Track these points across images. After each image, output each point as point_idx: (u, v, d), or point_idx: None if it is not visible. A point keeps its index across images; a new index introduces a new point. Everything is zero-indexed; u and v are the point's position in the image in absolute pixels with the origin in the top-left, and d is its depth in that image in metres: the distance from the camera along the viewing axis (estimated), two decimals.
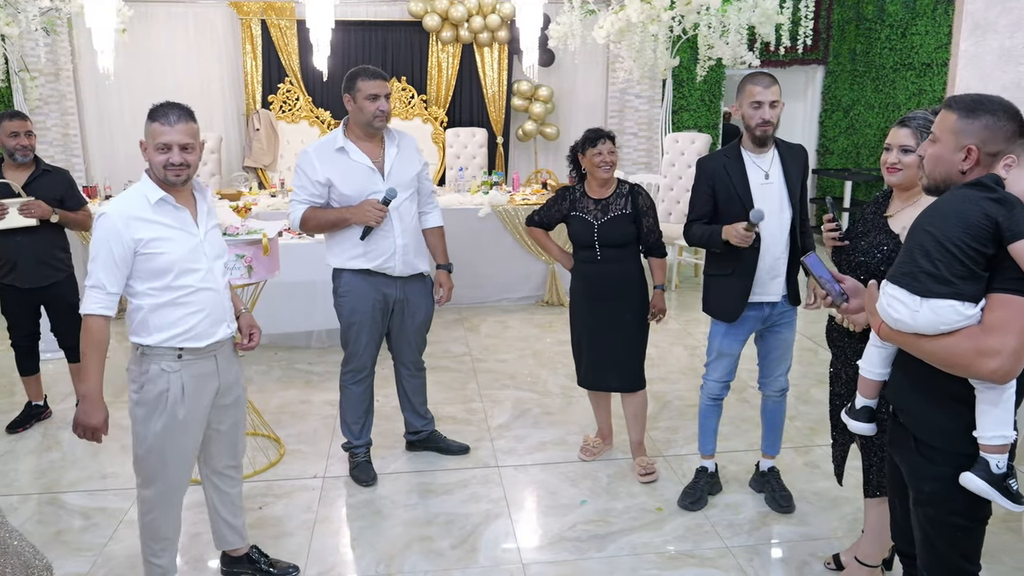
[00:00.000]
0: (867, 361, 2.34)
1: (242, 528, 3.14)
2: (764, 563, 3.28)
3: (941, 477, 2.05)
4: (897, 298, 2.00)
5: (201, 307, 2.71)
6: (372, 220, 3.57)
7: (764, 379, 3.69)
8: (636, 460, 4.03)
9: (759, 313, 3.48)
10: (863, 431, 2.42)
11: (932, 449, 2.07)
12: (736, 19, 7.37)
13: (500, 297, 7.14)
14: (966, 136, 1.99)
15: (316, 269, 5.63)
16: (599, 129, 3.81)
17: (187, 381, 2.72)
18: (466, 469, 4.08)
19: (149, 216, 2.63)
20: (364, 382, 3.91)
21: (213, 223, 2.85)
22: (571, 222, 3.89)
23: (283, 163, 8.94)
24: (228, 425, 2.94)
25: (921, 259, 1.94)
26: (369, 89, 3.57)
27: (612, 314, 3.85)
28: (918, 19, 8.27)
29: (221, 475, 3.02)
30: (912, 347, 2.03)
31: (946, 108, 2.06)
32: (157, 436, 2.71)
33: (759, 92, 3.28)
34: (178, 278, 2.65)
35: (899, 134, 2.64)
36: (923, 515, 2.12)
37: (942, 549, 2.11)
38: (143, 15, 8.54)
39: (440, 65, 9.23)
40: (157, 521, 2.84)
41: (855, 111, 9.69)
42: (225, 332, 2.80)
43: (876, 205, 2.82)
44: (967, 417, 2.01)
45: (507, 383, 5.29)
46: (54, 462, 4.16)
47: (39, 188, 4.33)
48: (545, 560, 3.30)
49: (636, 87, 9.33)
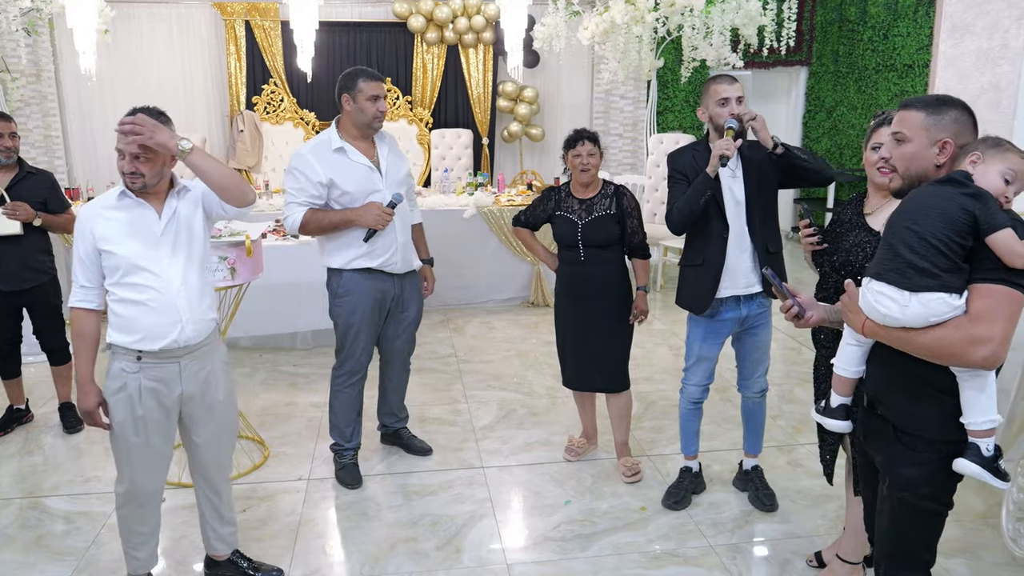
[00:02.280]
0: (843, 360, 2.36)
1: (229, 536, 3.13)
2: (747, 561, 3.30)
3: (921, 463, 2.11)
4: (885, 294, 2.03)
5: (150, 306, 2.66)
6: (380, 224, 3.57)
7: (743, 381, 3.70)
8: (621, 460, 4.04)
9: (736, 314, 3.50)
10: (840, 428, 2.44)
11: (913, 438, 2.12)
12: (720, 20, 7.40)
13: (486, 298, 7.14)
14: (939, 131, 2.08)
15: (300, 271, 5.64)
16: (582, 130, 3.82)
17: (145, 384, 2.70)
18: (451, 470, 4.08)
19: (109, 213, 2.66)
20: (359, 385, 3.91)
21: (183, 219, 2.78)
22: (556, 222, 3.90)
23: (267, 164, 8.92)
24: (207, 437, 2.90)
25: (907, 254, 1.99)
26: (371, 91, 3.58)
27: (595, 314, 3.86)
28: (900, 21, 8.33)
29: (209, 484, 3.01)
30: (900, 341, 2.06)
31: (907, 109, 2.14)
32: (121, 432, 2.74)
33: (724, 89, 3.33)
34: (128, 274, 2.64)
35: (886, 132, 2.62)
36: (897, 500, 2.17)
37: (910, 536, 2.18)
38: (125, 16, 8.50)
39: (425, 66, 9.22)
40: (128, 518, 2.87)
41: (838, 112, 9.75)
42: (180, 335, 2.70)
43: (853, 205, 2.84)
44: (948, 406, 2.07)
45: (492, 384, 5.29)
46: (36, 466, 4.14)
47: (23, 191, 4.29)
48: (530, 560, 3.31)
49: (621, 88, 9.36)
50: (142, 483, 2.82)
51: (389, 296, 3.81)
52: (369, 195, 3.62)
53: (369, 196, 3.62)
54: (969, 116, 2.10)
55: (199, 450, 2.93)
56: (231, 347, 5.84)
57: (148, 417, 2.74)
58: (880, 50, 8.72)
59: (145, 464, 2.80)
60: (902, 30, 8.29)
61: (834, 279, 2.78)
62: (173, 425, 2.84)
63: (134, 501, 2.84)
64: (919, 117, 2.10)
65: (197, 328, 2.76)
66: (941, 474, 2.10)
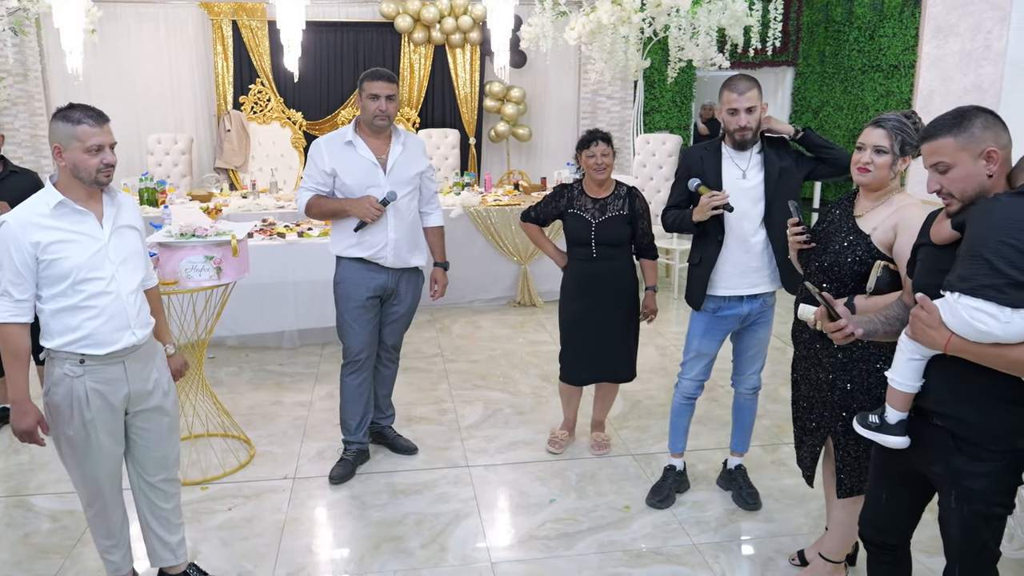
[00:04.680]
0: (902, 375, 2.24)
1: (177, 546, 3.02)
2: (731, 560, 3.33)
3: (988, 473, 2.11)
4: (983, 311, 1.97)
5: (100, 313, 2.60)
6: (368, 217, 3.71)
7: (737, 376, 3.73)
8: (593, 435, 4.26)
9: (737, 312, 3.52)
10: (899, 445, 2.29)
11: (978, 448, 2.11)
12: (706, 21, 7.43)
13: (472, 298, 7.15)
14: (976, 144, 2.06)
15: (286, 270, 5.64)
16: (596, 130, 3.93)
17: (91, 386, 2.64)
18: (436, 469, 4.09)
19: (47, 222, 2.54)
20: (359, 374, 3.95)
21: (124, 223, 2.73)
22: (568, 219, 3.98)
23: (254, 164, 8.91)
24: (152, 434, 2.84)
25: (1007, 269, 1.93)
26: (370, 89, 3.73)
27: (605, 310, 3.97)
28: (885, 22, 8.38)
29: (154, 488, 2.91)
30: (990, 357, 2.02)
31: (932, 139, 2.11)
32: (68, 438, 2.68)
33: (735, 99, 3.33)
34: (77, 283, 2.56)
35: (873, 134, 2.65)
36: (969, 511, 2.15)
37: (984, 539, 2.17)
38: (112, 15, 8.48)
39: (412, 66, 9.23)
40: (93, 522, 2.84)
41: (824, 112, 9.80)
42: (130, 339, 2.67)
43: (843, 206, 2.83)
44: (1020, 415, 2.07)
45: (478, 383, 5.31)
46: (22, 464, 4.13)
47: (6, 190, 4.27)
48: (514, 559, 3.33)
49: (608, 88, 9.39)
50: (101, 485, 2.76)
51: (384, 288, 3.89)
52: (367, 189, 3.77)
53: (367, 190, 3.77)
54: (992, 116, 2.08)
55: (148, 447, 2.85)
56: (217, 346, 5.84)
57: (97, 419, 2.67)
58: (866, 51, 8.77)
59: (99, 466, 2.73)
60: (887, 31, 8.33)
61: (820, 279, 2.79)
62: (121, 425, 2.77)
63: (97, 504, 2.80)
64: (949, 142, 2.08)
65: (144, 331, 2.74)
66: (1008, 479, 2.12)
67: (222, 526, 3.55)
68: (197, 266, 3.78)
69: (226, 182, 8.58)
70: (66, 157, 2.56)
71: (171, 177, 8.31)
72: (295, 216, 6.66)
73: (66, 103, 2.65)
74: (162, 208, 6.18)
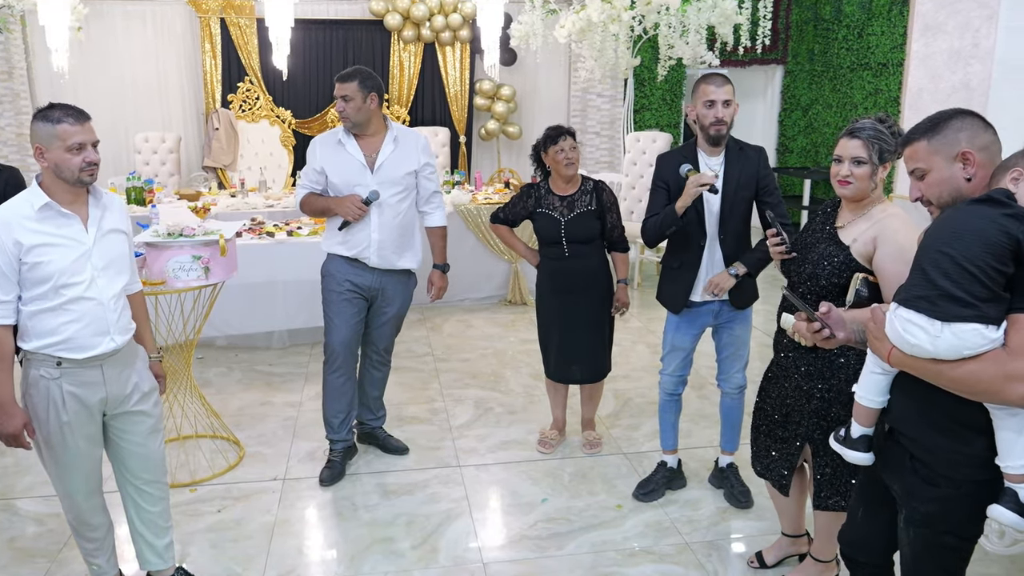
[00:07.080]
0: (866, 389, 2.18)
1: (164, 549, 2.98)
2: (722, 558, 3.32)
3: (939, 499, 1.99)
4: (913, 322, 1.87)
5: (80, 317, 2.57)
6: (350, 216, 3.72)
7: (721, 376, 3.73)
8: (584, 433, 4.26)
9: (711, 307, 3.53)
10: (862, 461, 2.24)
11: (932, 471, 2.00)
12: (696, 19, 7.43)
13: (463, 296, 7.12)
14: (949, 146, 1.97)
15: (275, 270, 5.61)
16: (559, 126, 3.90)
17: (67, 389, 2.61)
18: (427, 469, 4.07)
19: (31, 224, 2.50)
20: (339, 372, 3.92)
21: (111, 227, 2.69)
22: (537, 219, 3.96)
23: (243, 163, 8.87)
24: (133, 436, 2.80)
25: (940, 280, 1.82)
26: (336, 91, 3.74)
27: (580, 308, 3.96)
28: (874, 20, 8.40)
29: (141, 492, 2.88)
30: (929, 373, 1.91)
31: (908, 144, 2.04)
32: (46, 441, 2.65)
33: (712, 91, 3.32)
34: (59, 287, 2.53)
35: (849, 145, 2.58)
36: (915, 535, 2.06)
37: (929, 569, 2.08)
38: (99, 13, 8.42)
39: (402, 64, 9.20)
40: (73, 524, 2.82)
41: (813, 110, 9.83)
42: (109, 345, 2.63)
43: (824, 216, 2.77)
44: (978, 444, 1.93)
45: (469, 382, 5.29)
46: (7, 468, 4.09)
47: None
48: (506, 559, 3.31)
49: (598, 86, 9.38)
50: (77, 487, 2.74)
51: (368, 288, 3.86)
52: (353, 188, 3.78)
53: (353, 188, 3.78)
54: (972, 117, 1.98)
55: (131, 450, 2.81)
56: (206, 347, 5.80)
57: (73, 421, 2.64)
58: (855, 49, 8.79)
59: (76, 468, 2.71)
60: (876, 29, 8.36)
61: (800, 289, 2.75)
62: (99, 428, 2.74)
63: (76, 507, 2.77)
64: (922, 145, 2.00)
65: (124, 337, 2.71)
66: (962, 510, 1.97)
67: (211, 528, 3.52)
68: (185, 266, 3.75)
69: (214, 181, 8.53)
70: (48, 157, 2.53)
71: (159, 176, 8.25)
72: (284, 215, 6.63)
73: (51, 101, 2.62)
74: (149, 207, 6.13)
